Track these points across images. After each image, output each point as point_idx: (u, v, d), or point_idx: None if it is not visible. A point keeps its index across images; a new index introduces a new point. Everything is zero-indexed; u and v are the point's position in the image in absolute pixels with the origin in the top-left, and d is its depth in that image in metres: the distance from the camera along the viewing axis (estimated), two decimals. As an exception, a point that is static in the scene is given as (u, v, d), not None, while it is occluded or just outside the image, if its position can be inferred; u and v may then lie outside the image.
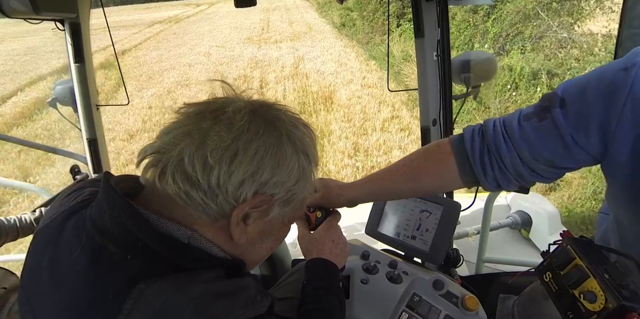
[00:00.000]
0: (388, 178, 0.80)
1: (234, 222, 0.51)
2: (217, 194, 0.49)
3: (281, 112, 0.55)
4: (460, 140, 0.73)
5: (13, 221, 1.24)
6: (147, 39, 16.33)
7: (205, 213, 0.50)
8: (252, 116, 0.51)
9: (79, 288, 0.48)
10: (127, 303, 0.44)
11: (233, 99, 0.54)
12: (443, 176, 0.75)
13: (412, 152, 0.81)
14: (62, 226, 0.55)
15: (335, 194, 0.86)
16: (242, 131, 0.49)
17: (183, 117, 0.52)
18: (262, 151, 0.49)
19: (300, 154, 0.53)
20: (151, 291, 0.45)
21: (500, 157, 0.68)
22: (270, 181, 0.51)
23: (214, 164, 0.48)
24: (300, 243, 0.86)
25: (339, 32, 13.95)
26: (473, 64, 1.39)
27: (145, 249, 0.48)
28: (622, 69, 0.57)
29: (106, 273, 0.48)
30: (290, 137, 0.52)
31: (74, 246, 0.51)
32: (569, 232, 0.69)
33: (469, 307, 0.85)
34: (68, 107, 1.79)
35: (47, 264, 0.52)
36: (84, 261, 0.49)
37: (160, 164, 0.49)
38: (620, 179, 0.62)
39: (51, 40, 13.95)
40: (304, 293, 0.73)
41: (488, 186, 0.73)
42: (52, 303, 0.50)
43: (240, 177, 0.49)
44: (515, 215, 2.12)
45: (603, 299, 0.56)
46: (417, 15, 1.38)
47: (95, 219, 0.51)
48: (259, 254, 0.60)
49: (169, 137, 0.50)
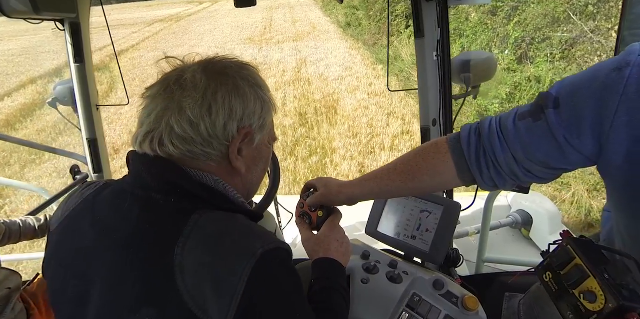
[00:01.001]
0: (387, 177, 0.80)
1: (233, 158, 0.63)
2: (211, 142, 0.61)
3: (225, 61, 0.66)
4: (457, 139, 0.73)
5: (17, 224, 1.25)
6: (146, 38, 15.86)
7: (210, 160, 0.62)
8: (206, 73, 0.62)
9: (136, 227, 0.57)
10: (186, 228, 0.55)
11: (183, 68, 0.64)
12: (441, 175, 0.75)
13: (410, 150, 0.81)
14: (94, 201, 0.65)
15: (335, 192, 0.86)
16: (206, 88, 0.60)
17: (152, 99, 0.62)
18: (227, 96, 0.61)
19: (255, 87, 0.65)
20: (205, 219, 0.56)
21: (495, 157, 0.68)
22: (245, 115, 0.62)
23: (198, 121, 0.59)
24: (306, 244, 0.86)
25: (344, 33, 13.33)
26: (473, 64, 1.39)
27: (184, 194, 0.59)
28: (615, 69, 0.55)
29: (159, 212, 0.58)
30: (243, 77, 0.64)
31: (119, 205, 0.61)
32: (569, 232, 0.69)
33: (469, 307, 0.85)
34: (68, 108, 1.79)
35: (88, 228, 0.61)
36: (135, 210, 0.59)
37: (155, 138, 0.60)
38: (616, 180, 0.61)
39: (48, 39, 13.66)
40: (312, 292, 0.74)
41: (485, 186, 0.72)
42: (101, 251, 0.58)
43: (222, 122, 0.60)
44: (516, 214, 2.12)
45: (603, 299, 0.56)
46: (417, 15, 1.38)
47: (134, 182, 0.63)
48: (257, 177, 0.72)
49: (151, 118, 0.60)
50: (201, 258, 0.53)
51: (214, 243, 0.54)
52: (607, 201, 0.72)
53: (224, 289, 0.51)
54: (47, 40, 14.09)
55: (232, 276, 0.51)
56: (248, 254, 0.53)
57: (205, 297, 0.51)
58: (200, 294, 0.51)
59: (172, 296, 0.51)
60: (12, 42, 16.69)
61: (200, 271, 0.52)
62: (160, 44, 14.42)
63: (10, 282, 1.08)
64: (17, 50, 14.55)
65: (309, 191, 0.92)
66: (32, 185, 2.21)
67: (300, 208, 0.93)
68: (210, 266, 0.52)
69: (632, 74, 0.53)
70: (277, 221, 1.83)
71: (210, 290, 0.51)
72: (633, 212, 0.62)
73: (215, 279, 0.51)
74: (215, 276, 0.52)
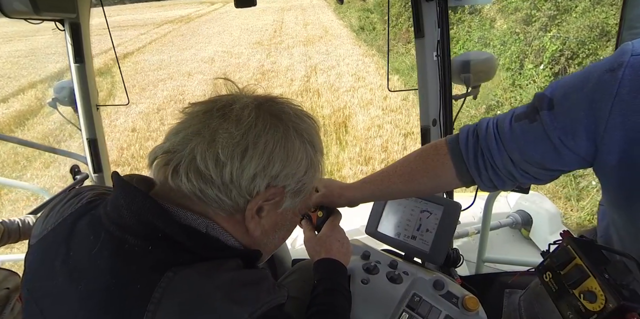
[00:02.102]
0: (387, 179, 0.81)
1: (248, 216, 0.53)
2: (231, 189, 0.51)
3: (285, 105, 0.56)
4: (456, 141, 0.73)
5: (16, 223, 1.25)
6: (153, 41, 15.42)
7: (220, 208, 0.52)
8: (258, 111, 0.52)
9: (102, 282, 0.48)
10: (156, 291, 0.45)
11: (237, 96, 0.55)
12: (440, 177, 0.75)
13: (410, 152, 0.81)
14: (72, 227, 0.55)
15: (337, 194, 0.86)
16: (250, 126, 0.50)
17: (190, 117, 0.53)
18: (271, 145, 0.51)
19: (307, 144, 0.55)
20: (180, 279, 0.46)
21: (492, 158, 0.68)
22: (281, 174, 0.52)
23: (226, 161, 0.49)
24: (307, 245, 0.87)
25: (357, 37, 12.42)
26: (473, 64, 1.39)
27: (166, 240, 0.49)
28: (608, 70, 0.55)
29: (130, 264, 0.48)
30: (297, 130, 0.54)
31: (92, 243, 0.51)
32: (569, 232, 0.69)
33: (469, 307, 0.85)
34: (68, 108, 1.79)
35: (60, 266, 0.52)
36: (105, 255, 0.49)
37: (172, 163, 0.51)
38: (611, 180, 0.61)
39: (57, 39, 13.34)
40: (315, 294, 0.74)
41: (484, 186, 0.73)
42: (68, 302, 0.50)
43: (252, 172, 0.50)
44: (516, 214, 2.12)
45: (603, 299, 0.56)
46: (417, 15, 1.38)
47: (112, 216, 0.53)
48: (273, 245, 0.62)
49: (178, 138, 0.51)
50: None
51: (189, 313, 0.44)
52: (602, 196, 0.72)
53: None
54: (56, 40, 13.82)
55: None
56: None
57: None
58: None
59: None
60: (22, 42, 16.19)
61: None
62: (167, 47, 13.94)
63: (8, 282, 1.08)
64: (24, 51, 14.17)
65: None
66: (32, 185, 2.21)
67: None
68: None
69: (625, 75, 0.53)
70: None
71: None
72: (628, 211, 0.62)
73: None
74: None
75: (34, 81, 9.66)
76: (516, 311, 0.86)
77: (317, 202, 0.88)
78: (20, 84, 9.48)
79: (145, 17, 24.53)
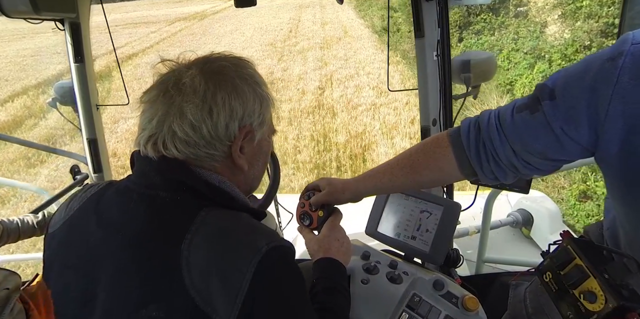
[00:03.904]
0: (389, 173, 0.81)
1: (236, 157, 0.65)
2: (214, 143, 0.62)
3: (221, 60, 0.66)
4: (457, 133, 0.73)
5: (15, 222, 1.24)
6: (162, 40, 14.77)
7: (214, 161, 0.64)
8: (204, 75, 0.62)
9: (142, 228, 0.58)
10: (193, 224, 0.56)
11: (180, 70, 0.63)
12: (442, 169, 0.75)
13: (412, 146, 0.81)
14: (98, 199, 0.65)
15: (340, 189, 0.87)
16: (205, 91, 0.60)
17: (151, 103, 0.62)
18: (227, 97, 0.61)
19: (253, 85, 0.65)
20: (211, 216, 0.58)
21: (494, 149, 0.68)
22: (245, 115, 0.63)
23: (200, 124, 0.60)
24: (307, 245, 0.88)
25: (379, 39, 11.14)
26: (473, 64, 1.39)
27: (191, 191, 0.60)
28: (609, 59, 0.55)
29: (165, 210, 0.59)
30: (240, 76, 0.64)
31: (125, 204, 0.61)
32: (569, 232, 0.69)
33: (469, 307, 0.85)
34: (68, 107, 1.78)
35: (95, 228, 0.62)
36: (142, 209, 0.59)
37: (158, 141, 0.61)
38: (612, 169, 0.61)
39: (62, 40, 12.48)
40: (313, 292, 0.74)
41: (486, 179, 0.73)
42: (108, 249, 0.59)
43: (224, 123, 0.61)
44: (517, 213, 2.12)
45: (603, 299, 0.56)
46: (417, 15, 1.38)
47: (139, 181, 0.63)
48: (259, 171, 0.74)
49: (153, 123, 0.61)
50: (207, 253, 0.54)
51: (220, 239, 0.55)
52: (606, 189, 0.72)
53: (229, 284, 0.52)
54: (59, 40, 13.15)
55: (238, 271, 0.52)
56: (253, 250, 0.54)
57: (211, 292, 0.52)
58: (206, 289, 0.52)
59: (178, 292, 0.52)
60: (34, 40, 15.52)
61: (206, 267, 0.53)
62: (174, 48, 13.15)
63: (8, 282, 1.08)
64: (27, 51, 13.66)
65: (310, 192, 0.93)
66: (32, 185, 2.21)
67: (301, 208, 0.93)
68: (216, 262, 0.53)
69: (625, 63, 0.53)
70: (277, 221, 1.83)
71: (216, 285, 0.52)
72: (630, 201, 0.62)
73: (221, 274, 0.52)
74: (221, 271, 0.53)
75: (26, 86, 9.07)
76: (521, 303, 0.86)
77: (322, 200, 0.89)
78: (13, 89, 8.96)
79: (160, 14, 23.65)
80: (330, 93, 7.36)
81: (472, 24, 6.94)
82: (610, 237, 0.79)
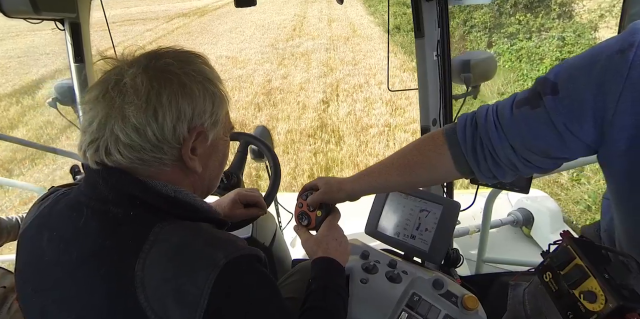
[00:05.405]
0: (385, 172, 0.79)
1: (187, 159, 0.60)
2: (161, 147, 0.58)
3: (167, 57, 0.60)
4: (453, 130, 0.70)
5: (15, 220, 1.24)
6: (156, 39, 13.28)
7: (163, 165, 0.59)
8: (147, 74, 0.57)
9: (94, 246, 0.55)
10: (146, 243, 0.52)
11: (122, 68, 0.58)
12: (438, 168, 0.73)
13: (408, 144, 0.79)
14: (49, 214, 0.62)
15: (336, 189, 0.86)
16: (148, 91, 0.56)
17: (91, 104, 0.57)
18: (173, 97, 0.57)
19: (203, 81, 0.60)
20: (166, 232, 0.54)
21: (492, 147, 0.65)
22: (195, 115, 0.59)
23: (144, 127, 0.56)
24: (305, 245, 0.87)
25: (391, 40, 9.27)
26: (473, 64, 1.39)
27: (145, 206, 0.57)
28: (618, 51, 0.51)
29: (117, 228, 0.55)
30: (187, 74, 0.59)
31: (76, 219, 0.57)
32: (569, 232, 0.69)
33: (469, 306, 0.85)
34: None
35: (46, 244, 0.58)
36: (93, 225, 0.56)
37: (100, 147, 0.57)
38: (617, 168, 0.58)
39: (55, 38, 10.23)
40: (309, 291, 0.74)
41: (483, 177, 0.70)
42: (61, 268, 0.56)
43: (170, 125, 0.57)
44: (517, 212, 2.12)
45: (603, 299, 0.56)
46: (417, 15, 1.38)
47: (89, 193, 0.59)
48: (216, 171, 0.70)
49: (94, 126, 0.57)
50: (163, 272, 0.51)
51: (175, 256, 0.52)
52: (607, 188, 0.69)
53: (186, 302, 0.50)
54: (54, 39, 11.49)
55: (195, 288, 0.50)
56: (210, 265, 0.51)
57: (168, 311, 0.50)
58: (163, 308, 0.50)
59: (135, 313, 0.50)
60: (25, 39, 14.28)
61: (161, 286, 0.50)
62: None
63: (5, 281, 1.08)
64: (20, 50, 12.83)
65: (307, 192, 0.92)
66: (32, 185, 2.21)
67: (299, 208, 0.93)
68: (171, 280, 0.51)
69: (636, 56, 0.49)
70: (277, 221, 1.83)
71: (172, 304, 0.50)
72: (632, 201, 0.60)
73: (177, 293, 0.50)
74: (176, 290, 0.50)
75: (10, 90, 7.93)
76: (521, 304, 0.86)
77: (319, 199, 0.88)
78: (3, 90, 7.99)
79: (160, 9, 21.55)
80: (335, 109, 6.09)
81: (504, 26, 5.78)
82: (608, 238, 0.77)
